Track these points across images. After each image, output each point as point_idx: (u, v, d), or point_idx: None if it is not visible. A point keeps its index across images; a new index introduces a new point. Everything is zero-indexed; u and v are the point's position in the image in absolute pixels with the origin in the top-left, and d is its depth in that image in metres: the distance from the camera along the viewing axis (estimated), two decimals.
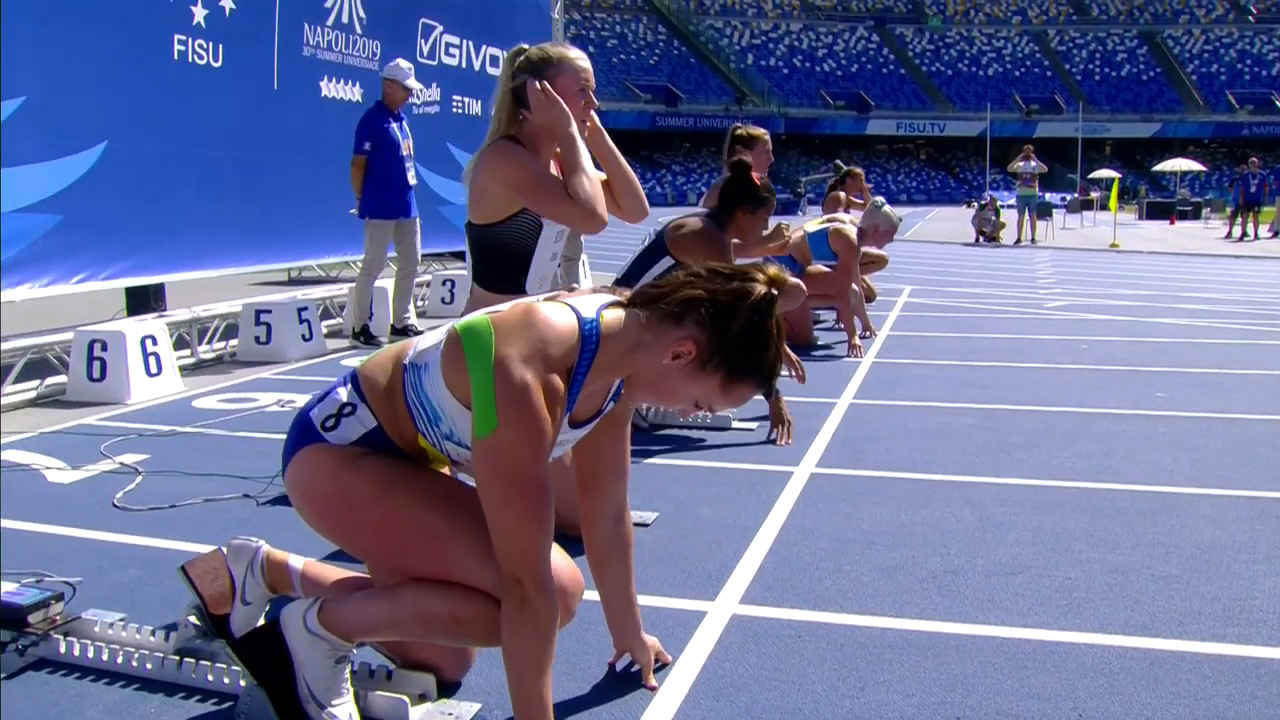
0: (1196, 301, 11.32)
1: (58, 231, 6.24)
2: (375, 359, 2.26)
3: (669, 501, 3.94)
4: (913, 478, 4.31)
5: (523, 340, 1.98)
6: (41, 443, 5.02)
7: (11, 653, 2.59)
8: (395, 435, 2.18)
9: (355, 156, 7.87)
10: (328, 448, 2.18)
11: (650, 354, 2.06)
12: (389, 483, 2.16)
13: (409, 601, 2.16)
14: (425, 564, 2.16)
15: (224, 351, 7.71)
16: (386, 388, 2.18)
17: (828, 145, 71.02)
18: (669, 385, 2.09)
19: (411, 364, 2.15)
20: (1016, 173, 22.89)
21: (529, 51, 3.28)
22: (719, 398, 2.09)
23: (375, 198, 7.92)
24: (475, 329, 2.03)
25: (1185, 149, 60.11)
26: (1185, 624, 2.84)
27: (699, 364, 2.04)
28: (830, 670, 2.56)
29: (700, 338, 2.04)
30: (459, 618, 2.12)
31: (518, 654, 2.01)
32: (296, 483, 2.22)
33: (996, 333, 8.86)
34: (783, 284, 2.09)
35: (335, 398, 2.22)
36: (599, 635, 2.69)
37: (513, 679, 2.03)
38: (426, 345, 2.16)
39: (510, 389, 1.94)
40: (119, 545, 3.54)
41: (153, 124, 6.94)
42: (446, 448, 2.16)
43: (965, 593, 3.06)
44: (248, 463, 4.51)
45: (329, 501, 2.19)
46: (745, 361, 2.05)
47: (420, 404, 2.12)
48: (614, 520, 2.43)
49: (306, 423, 2.23)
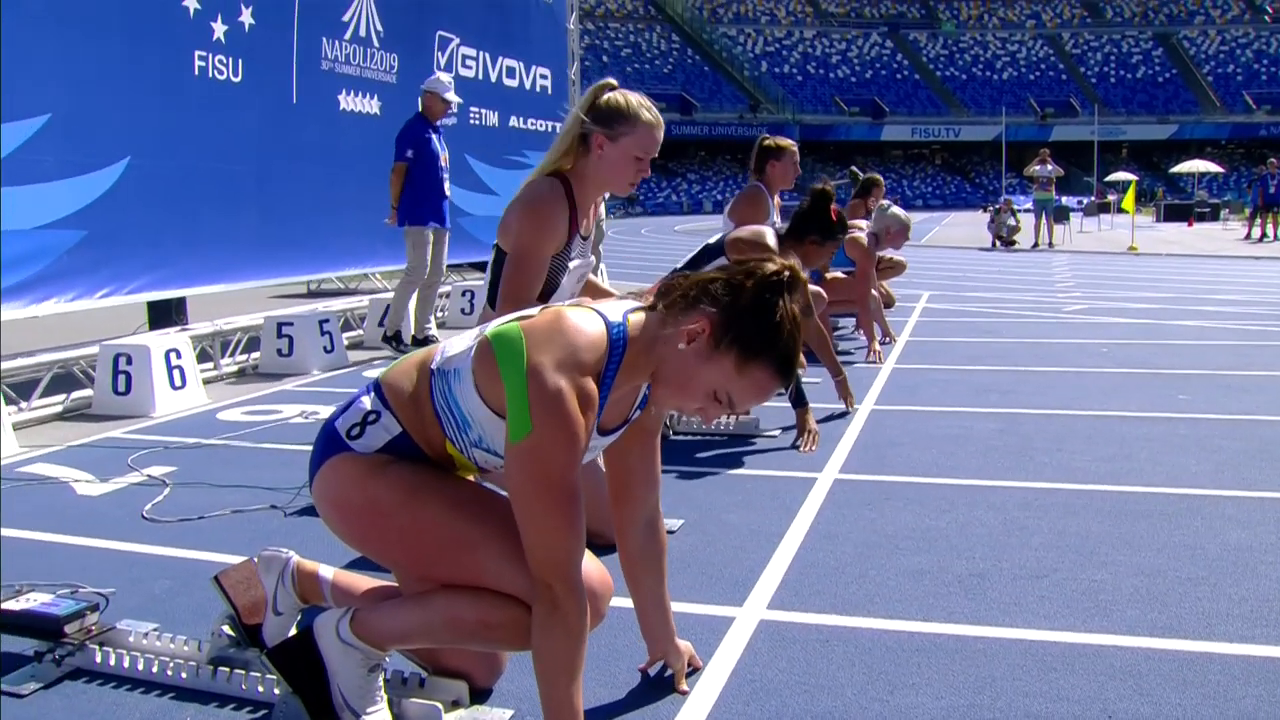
0: (1217, 304, 11.28)
1: (82, 247, 6.32)
2: (399, 366, 2.28)
3: (694, 508, 3.95)
4: (935, 482, 4.32)
5: (555, 346, 2.00)
6: (69, 456, 5.07)
7: (49, 662, 2.62)
8: (421, 441, 2.20)
9: (397, 164, 7.95)
10: (354, 457, 2.20)
11: (669, 345, 2.06)
12: (416, 489, 2.17)
13: (440, 608, 2.17)
14: (455, 571, 2.17)
15: (246, 364, 7.77)
16: (412, 394, 2.19)
17: (842, 151, 71.00)
18: (687, 373, 2.06)
19: (439, 370, 2.17)
20: (1033, 176, 22.86)
21: (611, 96, 3.29)
22: (735, 382, 2.04)
23: (415, 205, 8.00)
24: (507, 336, 2.05)
25: (1202, 150, 59.86)
26: (1213, 625, 2.84)
27: (713, 343, 2.02)
28: (859, 674, 2.57)
29: (713, 315, 2.04)
30: (489, 623, 2.14)
31: (549, 659, 2.03)
32: (324, 493, 2.24)
33: (1016, 337, 8.84)
34: (797, 271, 2.08)
35: (359, 406, 2.24)
36: (628, 641, 2.71)
37: (543, 684, 2.04)
38: (455, 352, 2.17)
39: (545, 395, 1.95)
40: (149, 556, 3.57)
41: (174, 139, 7.02)
42: (475, 455, 2.18)
43: (991, 596, 3.07)
44: (273, 474, 4.54)
45: (357, 511, 2.21)
46: (758, 339, 2.02)
47: (449, 410, 2.14)
48: (647, 528, 2.45)
49: (332, 433, 2.25)
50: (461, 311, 10.35)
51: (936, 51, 78.51)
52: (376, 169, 8.30)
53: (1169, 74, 75.43)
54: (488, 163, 11.21)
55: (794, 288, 2.06)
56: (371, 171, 8.52)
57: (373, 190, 8.47)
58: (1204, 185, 48.02)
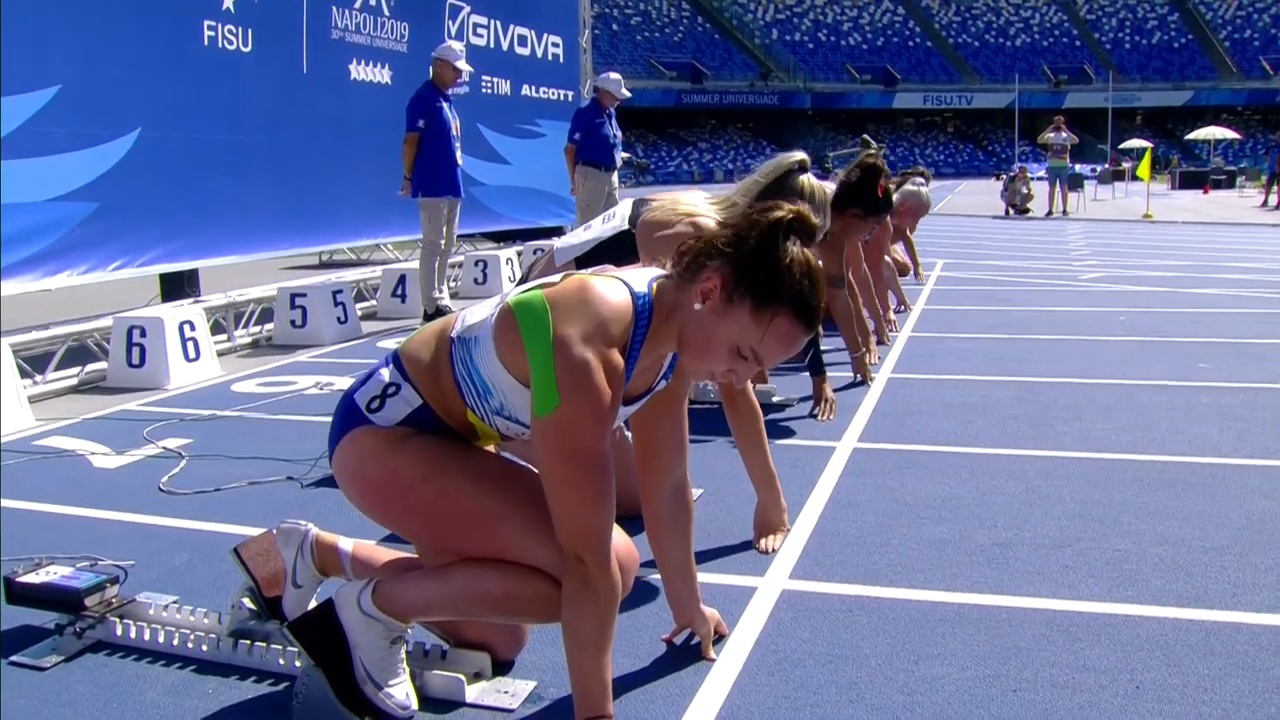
0: (1234, 271, 11.19)
1: (93, 219, 6.30)
2: (417, 337, 2.25)
3: (713, 477, 3.93)
4: (955, 451, 4.29)
5: (581, 318, 1.96)
6: (85, 429, 5.07)
7: (70, 635, 2.62)
8: (442, 412, 2.17)
9: (409, 134, 7.85)
10: (374, 430, 2.17)
11: (686, 307, 2.03)
12: (438, 463, 2.15)
13: (463, 580, 2.16)
14: (478, 544, 2.15)
15: (260, 336, 7.76)
16: (431, 364, 2.16)
17: (854, 120, 70.64)
18: (707, 333, 2.02)
19: (459, 338, 2.14)
20: (1047, 144, 22.69)
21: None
22: (757, 334, 1.99)
23: (428, 175, 7.90)
24: (530, 305, 2.01)
25: (1218, 117, 59.35)
26: (1240, 595, 2.81)
27: (726, 296, 1.99)
28: (884, 644, 2.55)
29: (723, 269, 2.00)
30: (513, 596, 2.12)
31: (578, 632, 2.00)
32: (344, 467, 2.21)
33: (1032, 305, 8.78)
34: (805, 217, 2.04)
35: (379, 379, 2.21)
36: (651, 611, 2.70)
37: (572, 657, 2.02)
38: (475, 320, 2.14)
39: (572, 367, 1.92)
40: (167, 529, 3.57)
41: (184, 110, 6.98)
42: (496, 423, 2.15)
43: (1015, 566, 3.04)
44: (289, 445, 4.53)
45: (378, 485, 2.18)
46: (769, 283, 1.97)
47: (469, 379, 2.11)
48: (674, 496, 2.43)
49: (351, 406, 2.22)
50: (475, 281, 10.33)
51: (949, 18, 77.82)
52: (388, 139, 8.25)
53: (1185, 39, 74.70)
54: (500, 132, 11.15)
55: (800, 230, 2.02)
56: (383, 142, 8.47)
57: (384, 161, 8.43)
58: (1220, 152, 47.63)
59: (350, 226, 9.12)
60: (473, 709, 2.28)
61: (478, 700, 2.29)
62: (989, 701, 2.26)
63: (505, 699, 2.29)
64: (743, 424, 3.29)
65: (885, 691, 2.32)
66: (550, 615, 2.11)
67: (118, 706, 2.34)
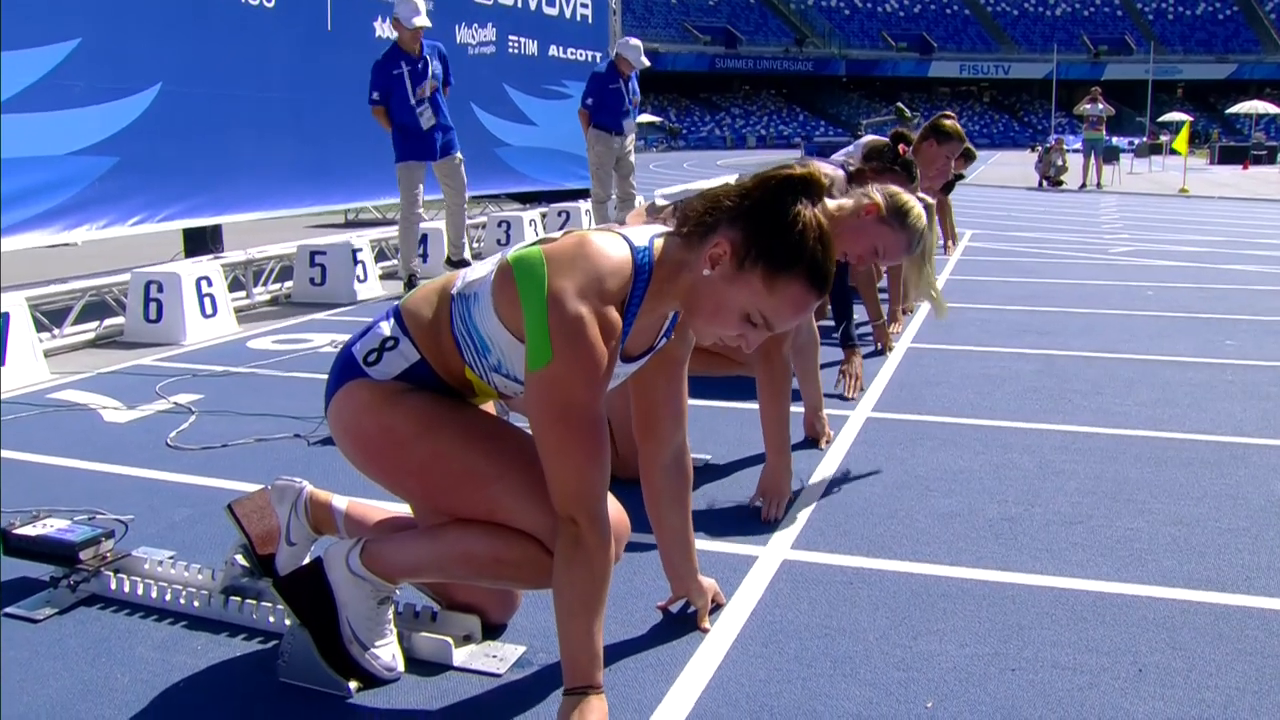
0: (1269, 249, 10.98)
1: (114, 174, 6.30)
2: (419, 292, 2.21)
3: (723, 444, 3.88)
4: (970, 423, 4.22)
5: (577, 272, 1.91)
6: (99, 383, 5.08)
7: (64, 588, 2.61)
8: (440, 368, 2.13)
9: (371, 107, 7.60)
10: (370, 383, 2.14)
11: (694, 271, 1.97)
12: (432, 420, 2.11)
13: (452, 542, 2.12)
14: (468, 504, 2.12)
15: (279, 293, 7.76)
16: (431, 320, 2.12)
17: (889, 88, 69.98)
18: (716, 299, 1.96)
19: (460, 294, 2.09)
20: (1083, 115, 22.31)
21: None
22: (769, 302, 1.93)
23: (397, 142, 7.66)
24: (527, 260, 1.96)
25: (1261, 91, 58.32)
26: (1253, 579, 2.74)
27: (736, 263, 1.93)
28: (883, 618, 2.51)
29: (733, 235, 1.94)
30: (502, 559, 2.08)
31: (569, 595, 1.95)
32: (339, 419, 2.18)
33: (1059, 278, 8.65)
34: (818, 177, 1.96)
35: (378, 332, 2.18)
36: (646, 579, 2.66)
37: (562, 620, 1.97)
38: (475, 276, 2.10)
39: (565, 322, 1.87)
40: (171, 484, 3.56)
41: (206, 66, 6.95)
42: (494, 380, 2.11)
43: (1023, 542, 2.98)
44: (300, 403, 4.52)
45: (371, 439, 2.14)
46: (781, 250, 1.91)
47: (468, 335, 2.07)
48: (673, 463, 2.38)
49: (349, 358, 2.18)
50: (498, 242, 10.28)
51: None
52: None
53: (1230, 11, 73.34)
54: (527, 92, 11.06)
55: (809, 189, 1.95)
56: None
57: None
58: (1262, 127, 46.89)
59: (374, 184, 9.07)
60: (460, 672, 2.25)
61: (465, 664, 2.27)
62: (986, 680, 2.21)
63: (493, 663, 2.26)
64: (773, 383, 3.28)
65: (880, 667, 2.27)
66: (538, 581, 2.08)
67: (106, 660, 2.33)
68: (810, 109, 73.58)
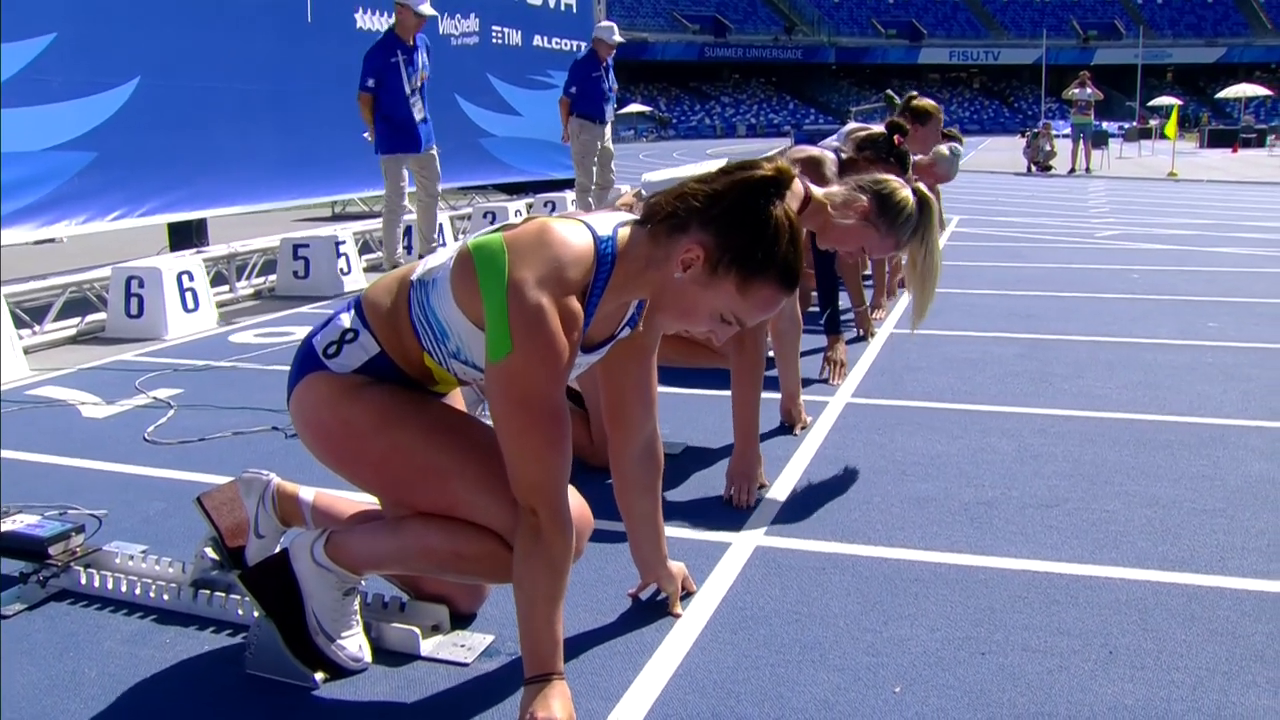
0: (1256, 230, 10.99)
1: (92, 169, 6.27)
2: (380, 282, 2.19)
3: (700, 431, 3.88)
4: (950, 408, 4.21)
5: (538, 261, 1.89)
6: (79, 379, 5.06)
7: (34, 584, 2.59)
8: (399, 358, 2.11)
9: (360, 93, 7.43)
10: (329, 376, 2.12)
11: (663, 270, 1.96)
12: (391, 414, 2.09)
13: (412, 537, 2.11)
14: (428, 499, 2.10)
15: (263, 287, 7.73)
16: (390, 309, 2.10)
17: (879, 75, 69.89)
18: (688, 302, 1.96)
19: (419, 280, 2.07)
20: (1071, 100, 22.32)
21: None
22: (742, 305, 1.95)
23: (385, 134, 7.52)
24: (488, 248, 1.94)
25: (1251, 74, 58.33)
26: (1227, 560, 2.74)
27: (709, 268, 1.92)
28: (854, 603, 2.50)
29: (705, 239, 1.92)
30: (461, 554, 2.07)
31: (529, 586, 1.94)
32: (299, 412, 2.17)
33: (1045, 262, 8.65)
34: (789, 174, 1.95)
35: (338, 324, 2.15)
36: (617, 567, 2.65)
37: (523, 613, 1.96)
38: (435, 263, 2.07)
39: (525, 313, 1.85)
40: (146, 478, 3.54)
41: (185, 59, 6.93)
42: (453, 366, 2.09)
43: (998, 525, 2.98)
44: (279, 396, 4.44)
45: (330, 432, 2.13)
46: (755, 255, 1.90)
47: (426, 321, 2.05)
48: (643, 451, 2.36)
49: (309, 350, 2.16)
50: None
51: None
52: None
53: None
54: (510, 82, 11.03)
55: (782, 188, 1.94)
56: None
57: None
58: (1251, 110, 46.92)
59: (358, 177, 9.04)
60: (427, 662, 2.24)
61: (433, 654, 2.26)
62: (956, 664, 2.21)
63: (460, 653, 2.26)
64: (746, 370, 3.26)
65: (850, 652, 2.27)
66: (497, 575, 2.08)
67: (74, 655, 2.32)
68: (800, 97, 73.48)
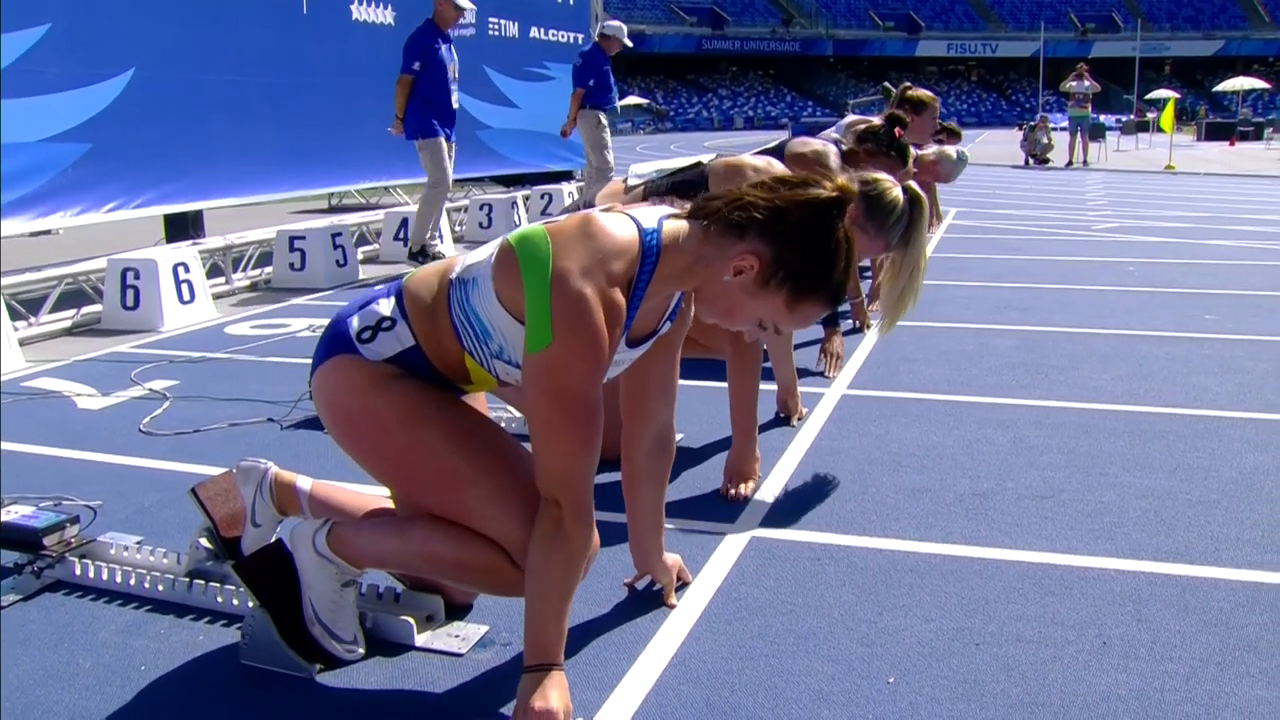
0: (1253, 224, 11.00)
1: (87, 160, 6.25)
2: (422, 273, 2.15)
3: (697, 422, 3.88)
4: (946, 399, 4.22)
5: (582, 252, 1.87)
6: (74, 371, 5.05)
7: (28, 575, 2.59)
8: (434, 354, 2.08)
9: (403, 75, 7.52)
10: (360, 362, 2.08)
11: (712, 268, 1.95)
12: (417, 412, 2.06)
13: (419, 541, 2.10)
14: (441, 502, 2.08)
15: (259, 279, 7.72)
16: (430, 305, 2.07)
17: (877, 67, 69.82)
18: (732, 304, 1.97)
19: (459, 279, 2.04)
20: (1069, 92, 22.29)
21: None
22: (785, 317, 1.97)
23: (426, 117, 7.59)
24: (531, 240, 1.91)
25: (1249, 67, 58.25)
26: (1220, 550, 2.74)
27: (761, 280, 1.92)
28: (849, 594, 2.50)
29: (762, 251, 1.92)
30: (465, 565, 2.06)
31: (543, 577, 1.93)
32: (322, 391, 2.13)
33: (1042, 255, 8.65)
34: (852, 194, 1.95)
35: (375, 310, 2.12)
36: (611, 558, 2.65)
37: (533, 600, 1.95)
38: (475, 260, 2.05)
39: (568, 304, 1.83)
40: (142, 470, 3.54)
41: (181, 50, 6.91)
42: (495, 367, 2.06)
43: (993, 516, 2.98)
44: (274, 387, 4.50)
45: (352, 418, 2.10)
46: (811, 277, 1.93)
47: (466, 320, 2.02)
48: (656, 441, 2.36)
49: (342, 330, 2.13)
50: (480, 225, 10.24)
51: None
52: (391, 81, 8.12)
53: None
54: (508, 75, 11.01)
55: (844, 209, 1.94)
56: (387, 83, 8.34)
57: (388, 102, 8.30)
58: (1249, 103, 46.87)
59: (353, 169, 9.04)
60: (422, 652, 2.25)
61: (427, 644, 2.26)
62: (950, 655, 2.21)
63: (455, 643, 2.26)
64: (743, 365, 3.26)
65: (844, 643, 2.27)
66: (498, 588, 2.08)
67: (69, 645, 2.32)
68: (797, 89, 73.41)
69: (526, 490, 2.02)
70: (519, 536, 2.00)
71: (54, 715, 2.04)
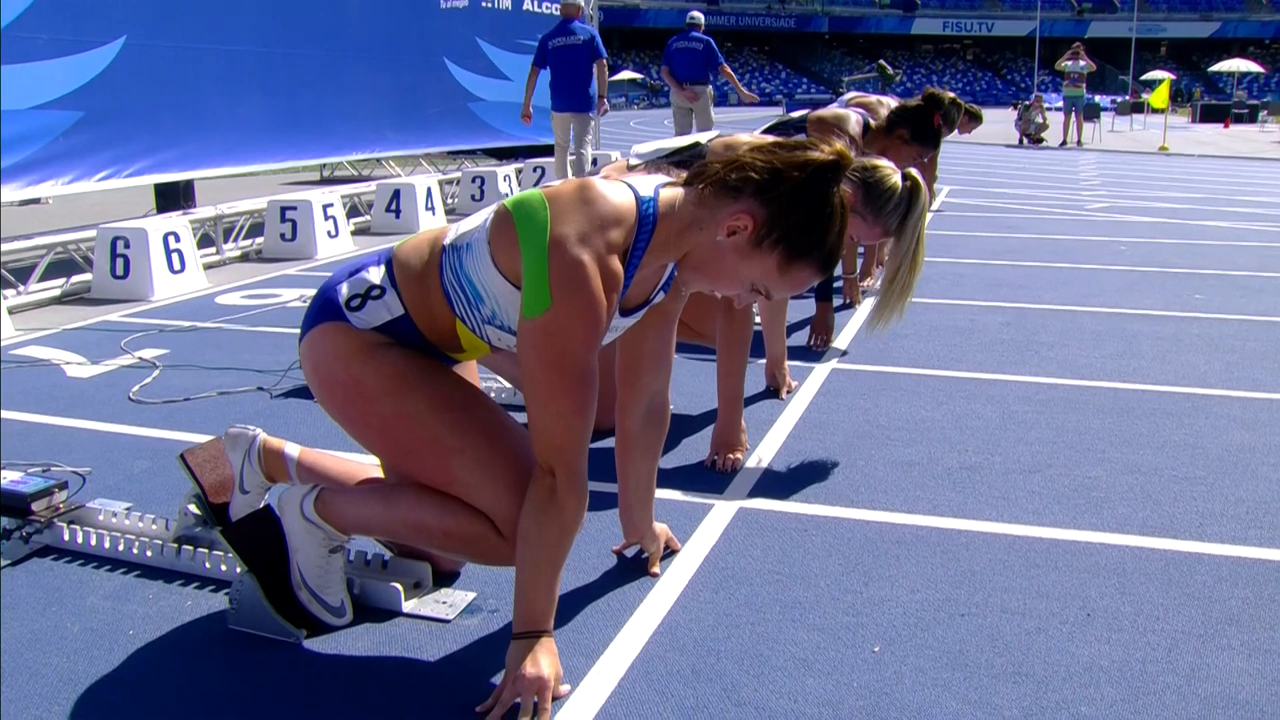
0: (1246, 205, 11.00)
1: (78, 128, 6.21)
2: (412, 240, 2.15)
3: (685, 394, 3.88)
4: (935, 374, 4.23)
5: (581, 218, 1.86)
6: (64, 339, 5.04)
7: (16, 540, 2.60)
8: (424, 323, 2.08)
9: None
10: (348, 330, 2.08)
11: (706, 231, 1.94)
12: (404, 380, 2.06)
13: (405, 509, 2.10)
14: (427, 472, 2.09)
15: (250, 249, 7.69)
16: (420, 272, 2.06)
17: (872, 45, 69.59)
18: (724, 266, 1.95)
19: (452, 245, 2.03)
20: (1064, 71, 22.23)
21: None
22: (776, 280, 1.95)
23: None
24: (529, 204, 1.91)
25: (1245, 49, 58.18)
26: (1205, 525, 2.76)
27: (755, 240, 1.91)
28: (835, 565, 2.52)
29: (757, 210, 1.91)
30: (451, 534, 2.06)
31: (536, 544, 1.93)
32: (309, 357, 2.13)
33: (1034, 233, 8.66)
34: (849, 160, 1.94)
35: (365, 277, 2.11)
36: (599, 528, 2.66)
37: (523, 568, 1.95)
38: (469, 226, 2.04)
39: (566, 269, 1.82)
40: (131, 437, 3.54)
41: (172, 18, 6.86)
42: (488, 333, 2.05)
43: (981, 490, 3.00)
44: (264, 356, 4.50)
45: (339, 386, 2.10)
46: (805, 239, 1.91)
47: (459, 286, 2.01)
48: (649, 411, 2.36)
49: (331, 298, 2.12)
50: (471, 198, 10.21)
51: None
52: (385, 52, 8.10)
53: None
54: (501, 47, 10.94)
55: (842, 174, 1.93)
56: (379, 55, 8.33)
57: (380, 74, 8.29)
58: (1244, 85, 46.81)
59: (345, 140, 8.99)
60: (409, 619, 2.26)
61: (415, 610, 2.27)
62: (935, 625, 2.23)
63: (442, 609, 2.27)
64: (732, 336, 3.24)
65: (830, 612, 2.28)
66: (483, 557, 2.08)
67: (57, 610, 2.32)
68: (793, 66, 73.13)
69: (513, 461, 2.03)
70: (505, 506, 2.00)
71: (42, 679, 2.05)
